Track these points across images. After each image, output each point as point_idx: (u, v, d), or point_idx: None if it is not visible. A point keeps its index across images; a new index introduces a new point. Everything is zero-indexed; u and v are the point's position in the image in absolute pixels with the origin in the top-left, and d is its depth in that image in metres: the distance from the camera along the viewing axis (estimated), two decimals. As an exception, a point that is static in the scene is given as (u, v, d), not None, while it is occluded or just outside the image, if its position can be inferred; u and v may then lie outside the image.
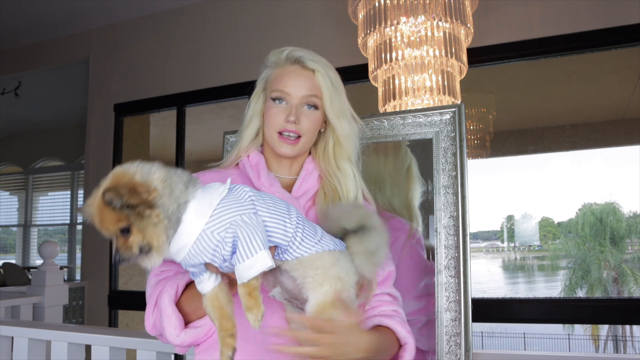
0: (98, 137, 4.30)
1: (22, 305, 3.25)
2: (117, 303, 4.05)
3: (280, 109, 1.03)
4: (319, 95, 1.04)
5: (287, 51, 1.06)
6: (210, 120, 5.44)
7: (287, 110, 1.02)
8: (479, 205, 6.67)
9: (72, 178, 7.23)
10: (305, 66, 1.05)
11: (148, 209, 0.75)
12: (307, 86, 1.03)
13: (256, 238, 0.76)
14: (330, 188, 1.05)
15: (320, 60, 1.06)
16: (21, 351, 1.96)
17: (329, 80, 1.05)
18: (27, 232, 7.54)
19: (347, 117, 1.07)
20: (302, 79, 1.04)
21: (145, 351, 1.73)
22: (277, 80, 1.05)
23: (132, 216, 0.74)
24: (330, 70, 1.06)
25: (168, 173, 0.79)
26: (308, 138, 1.04)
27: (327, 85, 1.04)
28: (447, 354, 1.07)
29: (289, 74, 1.04)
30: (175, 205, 0.76)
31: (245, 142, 1.10)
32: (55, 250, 3.50)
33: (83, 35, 4.46)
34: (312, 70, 1.04)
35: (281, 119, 1.02)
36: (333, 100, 1.04)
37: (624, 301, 3.60)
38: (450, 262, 1.12)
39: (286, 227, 0.82)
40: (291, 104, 1.03)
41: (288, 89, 1.03)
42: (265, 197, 0.85)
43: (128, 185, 0.74)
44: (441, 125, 1.20)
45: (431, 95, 2.04)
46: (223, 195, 0.80)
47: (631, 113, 5.23)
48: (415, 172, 1.31)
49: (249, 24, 3.78)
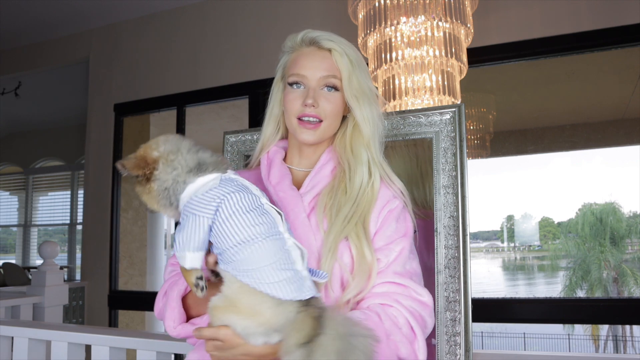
0: (98, 137, 4.30)
1: (22, 305, 3.25)
2: (117, 303, 4.05)
3: (297, 94, 0.97)
4: (338, 75, 0.98)
5: (303, 33, 1.01)
6: (210, 120, 5.45)
7: (305, 93, 0.97)
8: (479, 205, 6.68)
9: (72, 178, 7.23)
10: (321, 46, 0.99)
11: (145, 181, 0.86)
12: (324, 67, 0.97)
13: (195, 238, 0.82)
14: (337, 180, 0.98)
15: (338, 39, 1.00)
16: (21, 351, 1.95)
17: (347, 58, 0.98)
18: (27, 232, 7.54)
19: (367, 98, 0.99)
20: (319, 59, 0.98)
21: (145, 351, 1.72)
22: (293, 64, 1.00)
23: (135, 182, 0.88)
24: (348, 48, 1.00)
25: (177, 153, 0.87)
26: (330, 122, 0.98)
27: (345, 64, 0.97)
28: (447, 354, 1.07)
29: (305, 56, 0.99)
30: (171, 181, 0.85)
31: (266, 135, 1.07)
32: (55, 250, 3.50)
33: (83, 35, 4.46)
34: (328, 49, 0.99)
35: (299, 104, 0.97)
36: (352, 80, 0.97)
37: (624, 301, 3.60)
38: (450, 262, 1.12)
39: (235, 237, 0.81)
40: (309, 87, 0.97)
41: (304, 71, 0.97)
42: (241, 205, 0.83)
43: (137, 158, 0.86)
44: (441, 125, 1.20)
45: (431, 95, 2.04)
46: (205, 190, 0.84)
47: (631, 113, 5.23)
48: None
49: (249, 24, 3.78)
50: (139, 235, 4.45)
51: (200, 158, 0.87)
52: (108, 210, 4.15)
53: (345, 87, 0.98)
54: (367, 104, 0.98)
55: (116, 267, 4.10)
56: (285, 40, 1.03)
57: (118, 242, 4.14)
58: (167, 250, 8.15)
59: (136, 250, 4.40)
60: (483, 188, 6.08)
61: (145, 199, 0.88)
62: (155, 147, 0.87)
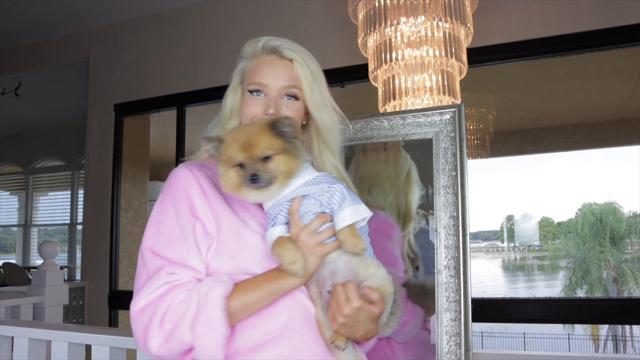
0: (98, 137, 4.30)
1: (22, 305, 3.25)
2: (117, 303, 4.05)
3: (258, 101, 0.98)
4: (299, 85, 0.99)
5: (263, 41, 1.01)
6: (210, 120, 5.45)
7: (266, 102, 0.98)
8: (479, 205, 6.68)
9: (72, 178, 7.23)
10: (283, 55, 1.00)
11: (298, 145, 0.91)
12: (286, 76, 0.99)
13: (356, 197, 0.93)
14: None
15: (299, 49, 1.01)
16: (21, 351, 1.95)
17: (309, 69, 1.00)
18: (27, 232, 7.55)
19: (327, 108, 1.02)
20: (280, 69, 0.99)
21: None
22: (254, 71, 1.00)
23: (287, 145, 0.89)
24: (309, 59, 1.02)
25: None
26: None
27: (306, 75, 0.99)
28: (447, 354, 1.07)
29: (266, 65, 1.00)
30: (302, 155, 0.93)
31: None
32: (55, 250, 3.50)
33: (83, 35, 4.46)
34: (290, 59, 1.00)
35: (259, 111, 0.97)
36: (313, 91, 1.00)
37: (624, 301, 3.60)
38: (450, 262, 1.12)
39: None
40: (270, 96, 0.98)
41: (266, 80, 0.98)
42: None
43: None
44: (441, 125, 1.20)
45: (431, 95, 2.04)
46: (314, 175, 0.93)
47: (631, 113, 5.23)
48: (415, 177, 1.31)
49: (249, 24, 3.78)
50: (139, 235, 4.44)
51: None
52: (108, 210, 4.15)
53: (307, 97, 1.00)
54: (327, 113, 1.02)
55: (116, 267, 4.09)
56: (244, 46, 1.04)
57: (118, 242, 4.14)
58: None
59: (136, 250, 4.38)
60: (483, 188, 6.09)
61: (292, 163, 0.90)
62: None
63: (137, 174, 4.46)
